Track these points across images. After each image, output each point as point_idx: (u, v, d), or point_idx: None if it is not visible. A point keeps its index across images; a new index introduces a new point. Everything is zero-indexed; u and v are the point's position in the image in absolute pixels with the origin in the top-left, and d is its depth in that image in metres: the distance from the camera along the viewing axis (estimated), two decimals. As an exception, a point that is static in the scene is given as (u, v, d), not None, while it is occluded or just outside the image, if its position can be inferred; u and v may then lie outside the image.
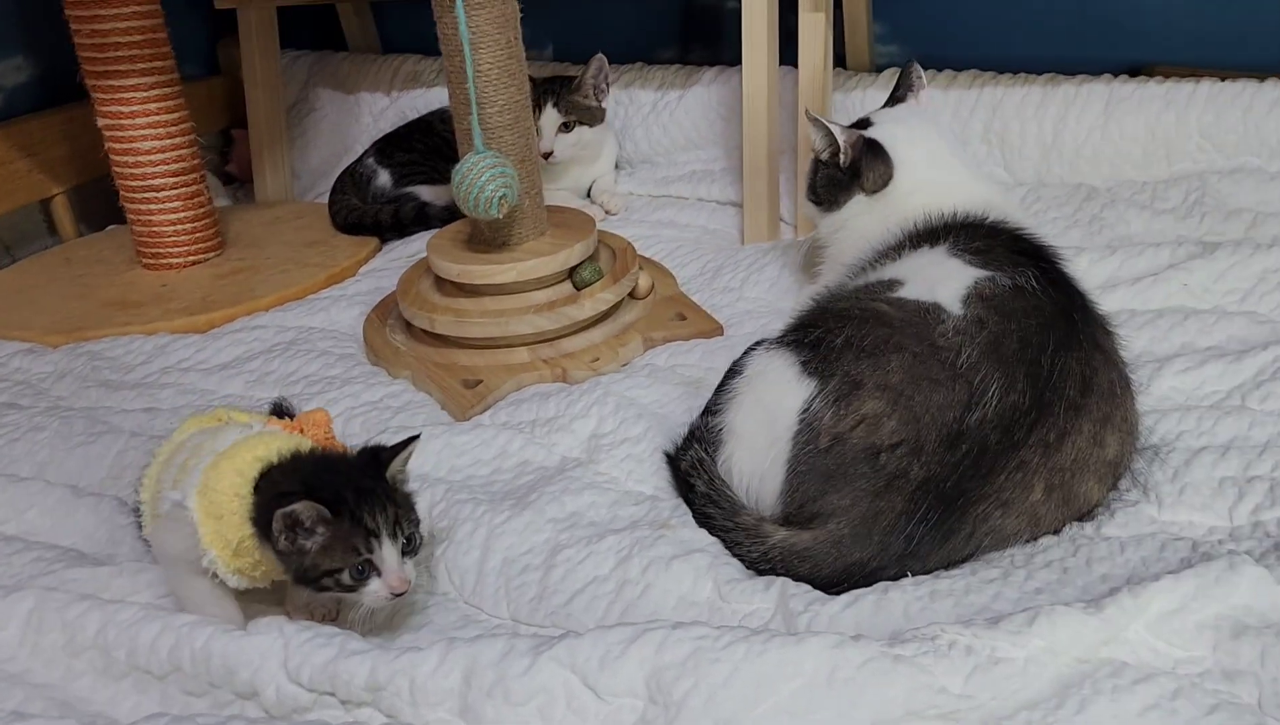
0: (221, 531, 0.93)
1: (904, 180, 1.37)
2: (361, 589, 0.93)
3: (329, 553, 0.91)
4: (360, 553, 0.92)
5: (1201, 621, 0.85)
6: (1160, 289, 1.44)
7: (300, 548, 0.91)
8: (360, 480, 0.94)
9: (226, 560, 0.94)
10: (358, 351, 1.58)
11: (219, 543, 0.93)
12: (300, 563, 0.92)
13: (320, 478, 0.93)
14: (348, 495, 0.92)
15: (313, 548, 0.91)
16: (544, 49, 2.47)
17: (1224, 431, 1.15)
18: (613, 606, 0.99)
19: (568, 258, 1.49)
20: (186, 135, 1.86)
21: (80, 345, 1.63)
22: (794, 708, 0.79)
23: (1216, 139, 1.75)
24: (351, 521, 0.92)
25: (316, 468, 0.95)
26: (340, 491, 0.92)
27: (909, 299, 1.11)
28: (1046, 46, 2.00)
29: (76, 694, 0.92)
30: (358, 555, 0.92)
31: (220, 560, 0.94)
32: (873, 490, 0.99)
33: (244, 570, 0.95)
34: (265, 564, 0.95)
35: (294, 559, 0.92)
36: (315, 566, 0.92)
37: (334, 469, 0.96)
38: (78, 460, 1.29)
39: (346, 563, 0.92)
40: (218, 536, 0.93)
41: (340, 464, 0.98)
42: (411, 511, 0.98)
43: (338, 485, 0.93)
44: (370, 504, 0.93)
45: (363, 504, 0.92)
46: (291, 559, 0.92)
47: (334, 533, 0.91)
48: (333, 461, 0.98)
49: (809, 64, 1.78)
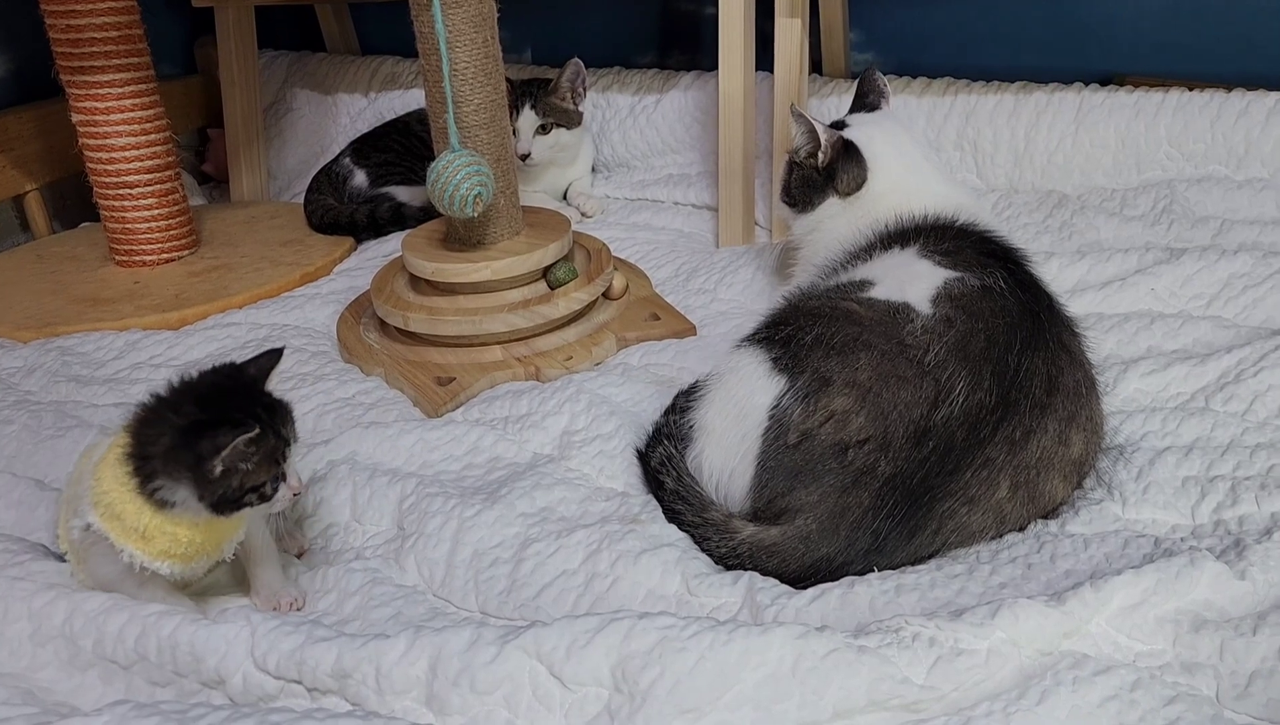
0: (127, 525, 0.93)
1: (877, 183, 1.38)
2: (274, 497, 0.96)
3: (258, 470, 0.94)
4: (280, 463, 0.95)
5: (1162, 615, 0.86)
6: (1128, 293, 1.45)
7: (239, 472, 0.93)
8: (256, 396, 0.96)
9: (145, 549, 0.94)
10: (331, 349, 1.57)
11: (131, 536, 0.94)
12: (228, 487, 0.93)
13: (219, 404, 0.94)
14: (260, 412, 0.94)
15: (247, 468, 0.93)
16: (523, 53, 2.48)
17: (1188, 432, 1.16)
18: (581, 599, 1.00)
19: (542, 257, 1.49)
20: (162, 132, 1.86)
21: (51, 341, 1.62)
22: (758, 697, 0.79)
23: (1185, 147, 1.77)
24: (274, 436, 0.94)
25: (202, 397, 0.96)
26: (252, 410, 0.94)
27: (879, 299, 1.12)
28: (1019, 55, 2.03)
29: (40, 684, 0.92)
30: (278, 466, 0.95)
31: (140, 553, 0.94)
32: (840, 486, 1.00)
33: (168, 552, 0.95)
34: (181, 532, 0.95)
35: (221, 485, 0.93)
36: (243, 486, 0.93)
37: (220, 392, 0.97)
38: (46, 454, 1.28)
39: (270, 474, 0.95)
40: (127, 532, 0.94)
41: (220, 387, 0.98)
42: (289, 409, 1.00)
43: (242, 406, 0.94)
44: (278, 416, 0.96)
45: (274, 417, 0.95)
46: (218, 486, 0.93)
47: (263, 450, 0.93)
48: (210, 386, 0.98)
49: (785, 69, 1.80)
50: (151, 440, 0.93)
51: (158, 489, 0.93)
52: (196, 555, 0.97)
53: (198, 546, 0.96)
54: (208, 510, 0.94)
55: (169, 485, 0.93)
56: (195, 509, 0.94)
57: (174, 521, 0.94)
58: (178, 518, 0.94)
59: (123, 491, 0.93)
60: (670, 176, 2.11)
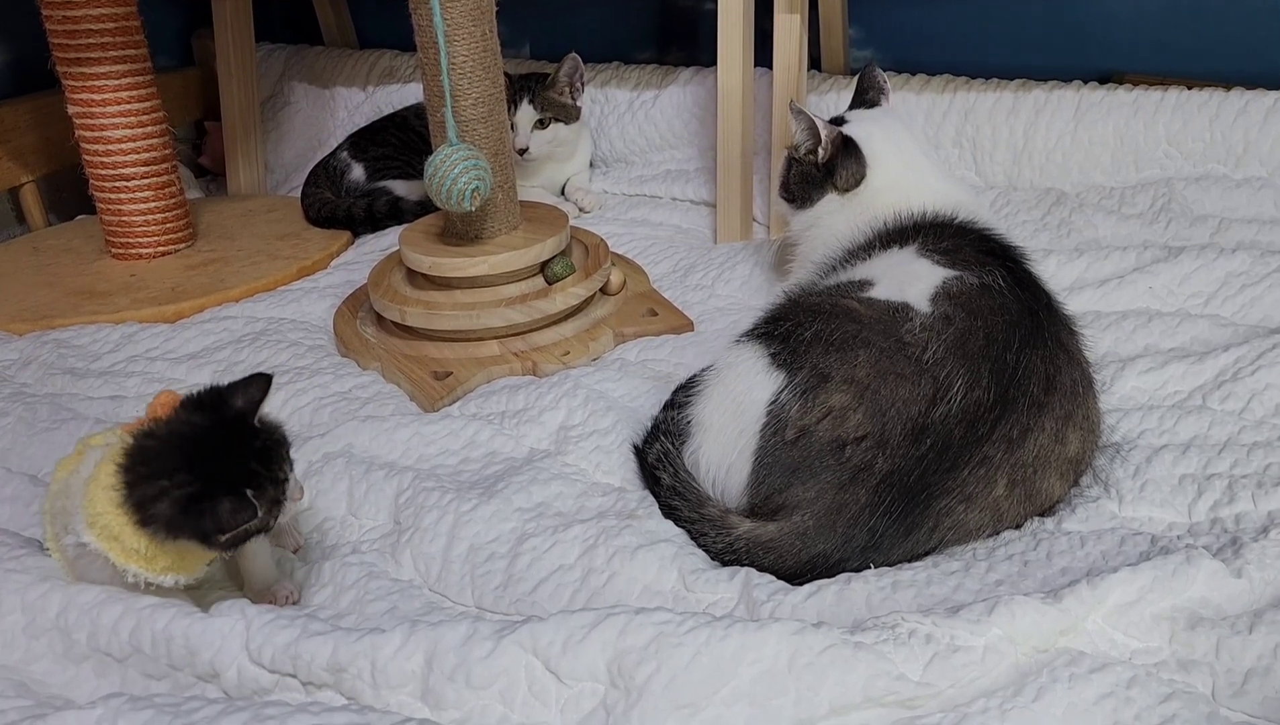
0: (127, 546, 0.92)
1: (876, 179, 1.38)
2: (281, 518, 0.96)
3: (260, 524, 0.93)
4: (281, 501, 0.95)
5: (1158, 613, 0.87)
6: (1126, 291, 1.45)
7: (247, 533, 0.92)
8: (248, 441, 0.94)
9: (148, 568, 0.93)
10: (328, 343, 1.57)
11: (132, 557, 0.92)
12: (235, 539, 0.92)
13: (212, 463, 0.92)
14: (256, 467, 0.93)
15: (252, 529, 0.93)
16: (521, 48, 2.48)
17: (1185, 430, 1.16)
18: (578, 594, 1.00)
19: (540, 252, 1.49)
20: (158, 125, 1.85)
21: (46, 333, 1.62)
22: (754, 693, 0.79)
23: (1183, 146, 1.77)
24: (273, 486, 0.93)
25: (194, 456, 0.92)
26: (247, 466, 0.92)
27: (879, 299, 1.12)
28: (1019, 53, 2.02)
29: (34, 676, 0.91)
30: (279, 504, 0.95)
31: (144, 570, 0.93)
32: (837, 483, 1.00)
33: (172, 568, 0.94)
34: (185, 555, 0.94)
35: (229, 544, 0.92)
36: (247, 533, 0.93)
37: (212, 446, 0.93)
38: (41, 447, 1.27)
39: (273, 514, 0.94)
40: (127, 552, 0.92)
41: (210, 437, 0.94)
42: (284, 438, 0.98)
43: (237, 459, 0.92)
44: (272, 458, 0.94)
45: (271, 463, 0.94)
46: (226, 544, 0.92)
47: (265, 506, 0.92)
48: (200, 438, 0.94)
49: (784, 65, 1.80)
50: (149, 502, 0.90)
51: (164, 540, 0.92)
52: (200, 567, 0.97)
53: (202, 560, 0.96)
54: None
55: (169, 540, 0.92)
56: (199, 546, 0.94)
57: (177, 549, 0.93)
58: (181, 547, 0.93)
59: (119, 517, 0.92)
60: (668, 172, 2.11)
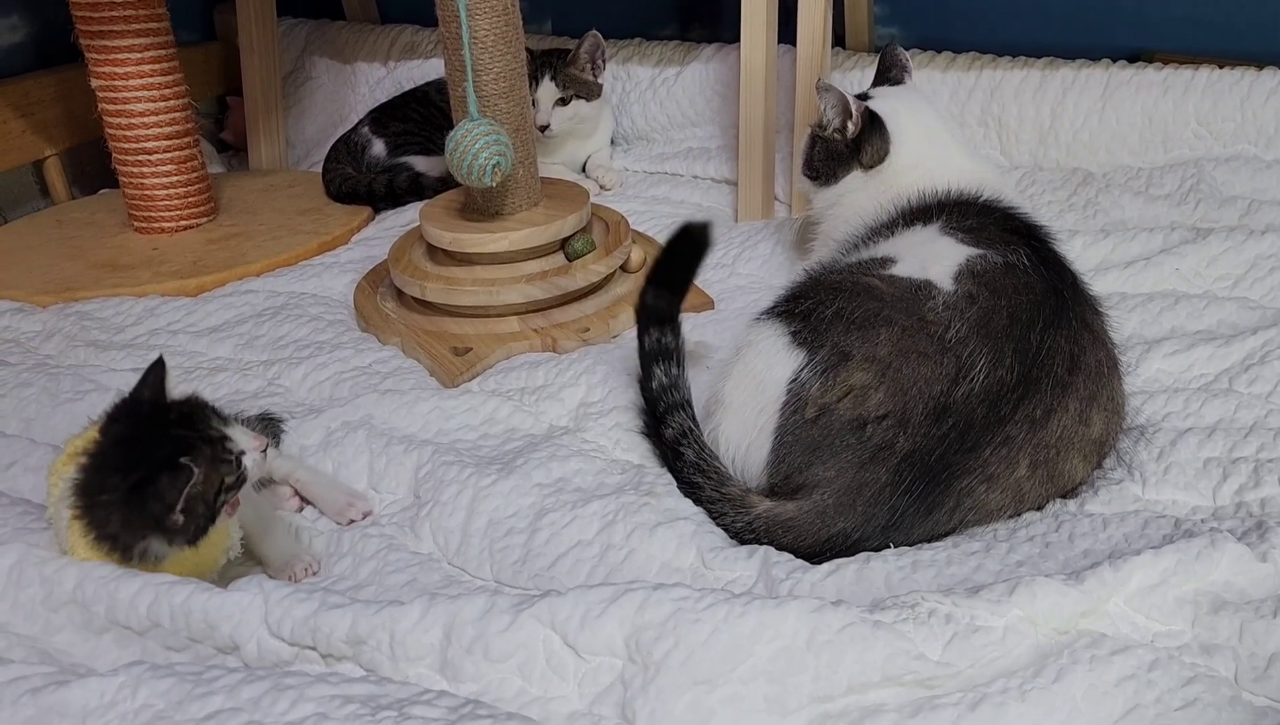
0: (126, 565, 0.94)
1: (900, 156, 1.37)
2: (248, 471, 0.95)
3: (210, 480, 0.92)
4: (229, 457, 0.94)
5: (1181, 596, 0.86)
6: (1152, 273, 1.44)
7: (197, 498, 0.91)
8: (163, 418, 0.94)
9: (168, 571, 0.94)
10: (348, 318, 1.57)
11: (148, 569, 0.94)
12: (195, 517, 0.92)
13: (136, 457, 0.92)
14: (178, 433, 0.92)
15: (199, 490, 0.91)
16: (543, 23, 2.46)
17: (1210, 413, 1.15)
18: (596, 570, 1.00)
19: (560, 229, 1.49)
20: (181, 99, 1.85)
21: (70, 305, 1.62)
22: (773, 670, 0.79)
23: (1213, 126, 1.75)
24: (207, 444, 0.93)
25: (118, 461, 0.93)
26: (169, 436, 0.92)
27: (900, 276, 1.11)
28: (1046, 31, 2.00)
29: (57, 647, 0.92)
30: (229, 456, 0.94)
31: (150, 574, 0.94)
32: (858, 461, 0.99)
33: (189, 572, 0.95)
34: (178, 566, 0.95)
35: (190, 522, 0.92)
36: (208, 502, 0.92)
37: (130, 442, 0.94)
38: (64, 417, 1.28)
39: (225, 471, 0.93)
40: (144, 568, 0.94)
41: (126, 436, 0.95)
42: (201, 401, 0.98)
43: (158, 439, 0.92)
44: (194, 419, 0.94)
45: (195, 426, 0.93)
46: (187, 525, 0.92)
47: (206, 466, 0.92)
48: (119, 442, 0.94)
49: (808, 42, 1.78)
50: (104, 522, 0.92)
51: (141, 554, 0.93)
52: (204, 571, 0.97)
53: (201, 565, 0.97)
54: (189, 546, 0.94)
55: (142, 546, 0.93)
56: (178, 549, 0.94)
57: (166, 565, 0.94)
58: (169, 561, 0.94)
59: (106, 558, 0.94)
60: (690, 150, 2.10)
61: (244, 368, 1.42)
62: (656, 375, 1.15)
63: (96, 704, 0.78)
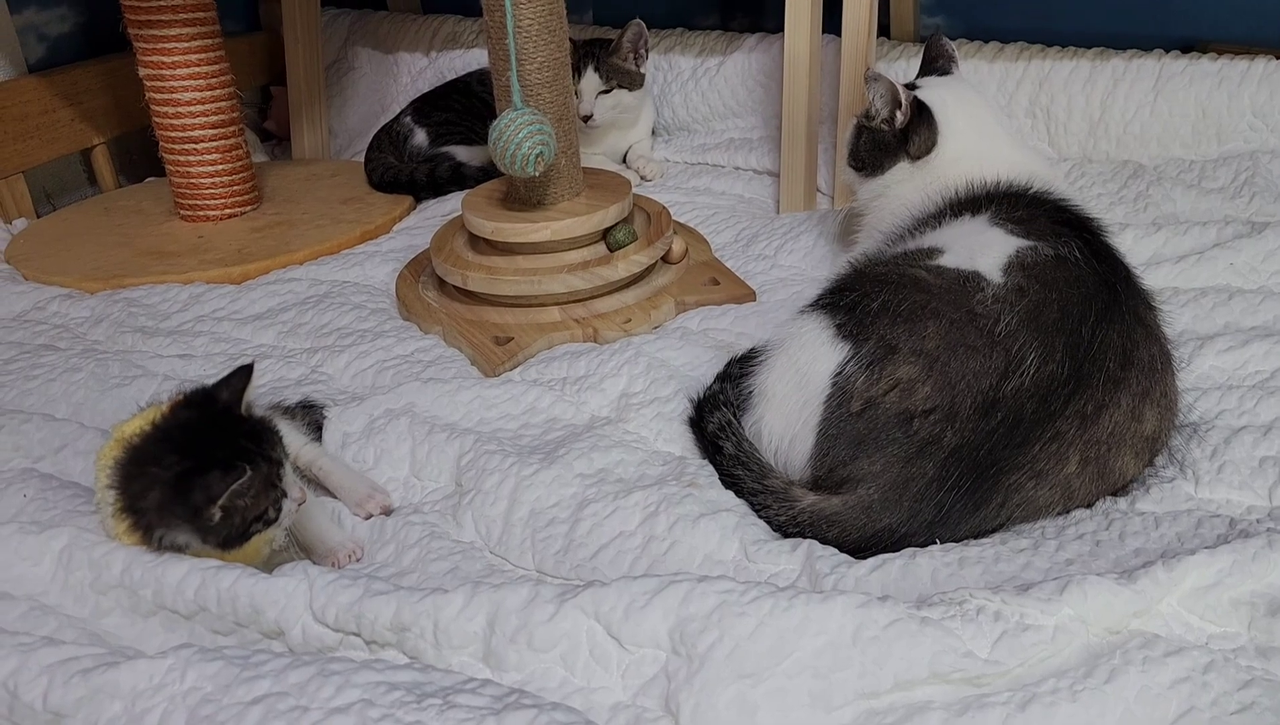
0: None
1: (948, 147, 1.35)
2: (280, 518, 0.96)
3: (257, 501, 0.93)
4: (277, 485, 0.94)
5: (1237, 598, 0.84)
6: (1205, 268, 1.41)
7: (239, 509, 0.92)
8: (235, 425, 0.95)
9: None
10: (390, 306, 1.58)
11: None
12: (230, 526, 0.92)
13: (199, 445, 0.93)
14: (244, 443, 0.93)
15: (246, 503, 0.92)
16: (584, 13, 2.46)
17: (1266, 412, 1.12)
18: (638, 561, 0.99)
19: (603, 219, 1.48)
20: (227, 88, 1.87)
21: (117, 292, 1.65)
22: (818, 665, 0.78)
23: (1270, 118, 1.71)
24: (265, 463, 0.93)
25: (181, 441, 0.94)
26: (235, 443, 0.93)
27: (948, 267, 1.10)
28: (1096, 20, 1.96)
29: (106, 629, 0.93)
30: (276, 488, 0.94)
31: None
32: (904, 456, 0.98)
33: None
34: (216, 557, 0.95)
35: (224, 527, 0.92)
36: (245, 519, 0.93)
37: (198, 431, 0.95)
38: (112, 402, 1.30)
39: (270, 500, 0.94)
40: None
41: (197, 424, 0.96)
42: (274, 427, 0.99)
43: (225, 440, 0.93)
44: (264, 441, 0.95)
45: (261, 444, 0.94)
46: (221, 528, 0.92)
47: (258, 482, 0.92)
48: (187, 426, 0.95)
49: (853, 32, 1.76)
50: (140, 495, 0.93)
51: (162, 538, 0.94)
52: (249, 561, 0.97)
53: (246, 556, 0.97)
54: (216, 549, 0.95)
55: (170, 534, 0.94)
56: (208, 547, 0.95)
57: (198, 554, 0.95)
58: (198, 552, 0.95)
59: (126, 533, 0.95)
60: (731, 141, 2.08)
61: (287, 355, 1.43)
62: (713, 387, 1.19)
63: (146, 686, 0.79)
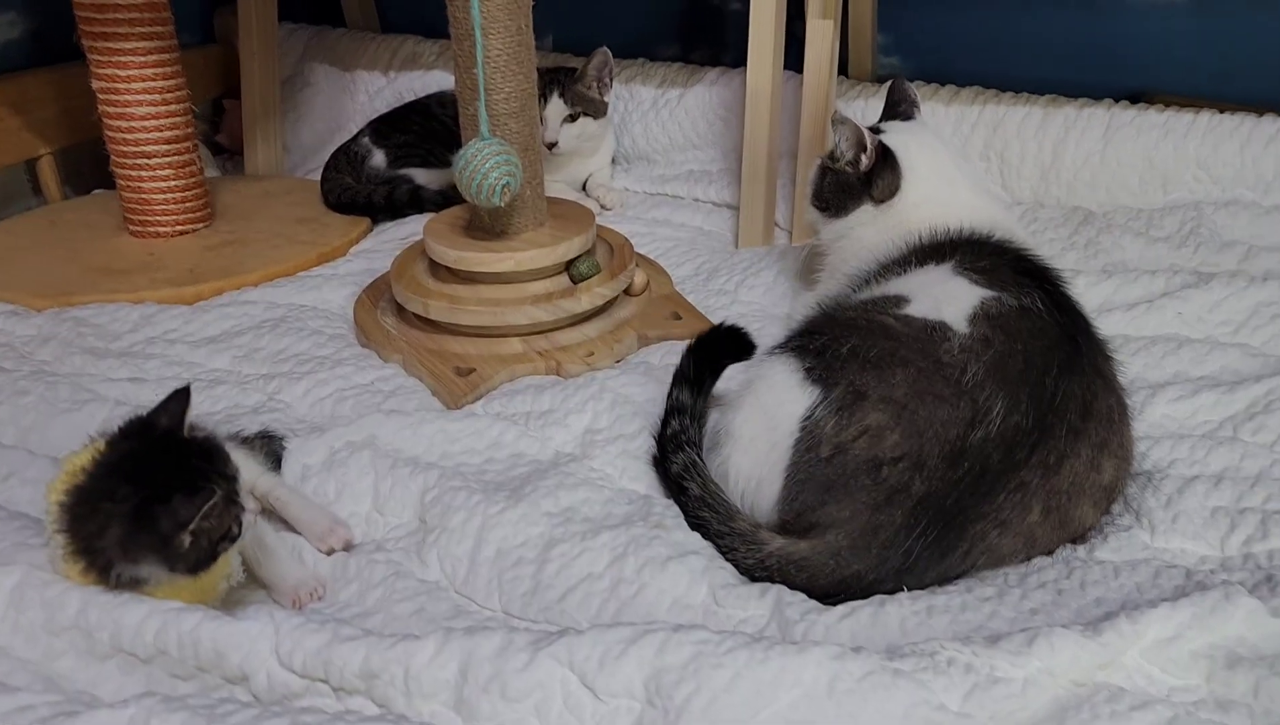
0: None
1: (911, 192, 1.37)
2: (243, 530, 0.95)
3: (223, 520, 0.92)
4: (237, 501, 0.93)
5: (1196, 650, 0.86)
6: (1155, 316, 1.45)
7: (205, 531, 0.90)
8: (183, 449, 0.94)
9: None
10: (348, 332, 1.56)
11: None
12: (199, 549, 0.91)
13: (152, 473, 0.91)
14: (198, 463, 0.92)
15: (212, 524, 0.91)
16: (544, 39, 2.46)
17: (1216, 461, 1.16)
18: (607, 604, 0.99)
19: (566, 250, 1.48)
20: (182, 103, 1.83)
21: (65, 310, 1.60)
22: (794, 716, 0.78)
23: (1213, 170, 1.77)
24: (225, 481, 0.92)
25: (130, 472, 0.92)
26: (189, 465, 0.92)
27: (915, 316, 1.11)
28: (1049, 68, 2.01)
29: (59, 672, 0.90)
30: (236, 504, 0.93)
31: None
32: (873, 503, 0.99)
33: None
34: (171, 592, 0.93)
35: (193, 553, 0.90)
36: (212, 540, 0.91)
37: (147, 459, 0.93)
38: (61, 428, 1.26)
39: (233, 517, 0.93)
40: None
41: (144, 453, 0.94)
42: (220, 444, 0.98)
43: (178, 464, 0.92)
44: (216, 460, 0.94)
45: (214, 463, 0.93)
46: (190, 554, 0.90)
47: (222, 501, 0.91)
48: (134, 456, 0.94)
49: (814, 70, 1.78)
50: (96, 534, 0.90)
51: (121, 574, 0.92)
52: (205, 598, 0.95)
53: (203, 591, 0.95)
54: (184, 576, 0.92)
55: (130, 568, 0.91)
56: (169, 577, 0.92)
57: (162, 591, 0.93)
58: (163, 588, 0.93)
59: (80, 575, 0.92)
60: (691, 172, 2.10)
61: (243, 381, 1.41)
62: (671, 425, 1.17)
63: (105, 736, 0.76)
